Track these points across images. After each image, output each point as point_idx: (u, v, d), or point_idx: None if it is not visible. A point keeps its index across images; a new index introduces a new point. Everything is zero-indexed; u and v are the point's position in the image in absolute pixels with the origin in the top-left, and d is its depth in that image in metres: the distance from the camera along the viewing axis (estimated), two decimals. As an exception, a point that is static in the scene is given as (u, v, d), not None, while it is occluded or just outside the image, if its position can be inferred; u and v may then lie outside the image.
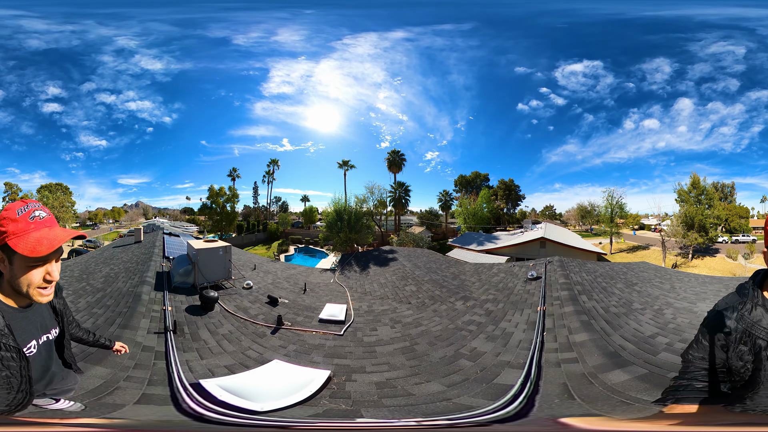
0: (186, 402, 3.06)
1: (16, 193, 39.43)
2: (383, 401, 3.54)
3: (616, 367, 3.68)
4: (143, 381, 3.57)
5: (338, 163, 45.14)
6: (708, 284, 9.40)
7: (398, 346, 5.49)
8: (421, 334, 6.08)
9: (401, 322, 7.07)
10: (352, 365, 4.69)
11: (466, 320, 6.62)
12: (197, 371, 4.25)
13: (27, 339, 1.67)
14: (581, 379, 3.50)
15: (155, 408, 3.06)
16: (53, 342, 1.90)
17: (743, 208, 41.61)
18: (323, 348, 5.48)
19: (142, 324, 5.39)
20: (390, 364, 4.72)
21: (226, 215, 41.49)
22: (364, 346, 5.63)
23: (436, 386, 3.84)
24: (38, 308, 1.76)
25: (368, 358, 5.04)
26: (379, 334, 6.27)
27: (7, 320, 1.56)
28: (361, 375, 4.30)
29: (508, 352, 4.63)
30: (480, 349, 4.95)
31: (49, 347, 1.85)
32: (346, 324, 6.78)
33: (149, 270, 8.80)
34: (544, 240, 26.25)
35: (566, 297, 6.55)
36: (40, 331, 1.77)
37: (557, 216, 57.17)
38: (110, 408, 2.84)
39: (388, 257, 15.40)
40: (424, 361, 4.72)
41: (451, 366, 4.43)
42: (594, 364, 3.82)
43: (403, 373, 4.33)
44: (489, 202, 41.90)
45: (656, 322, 5.83)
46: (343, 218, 25.39)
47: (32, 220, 1.49)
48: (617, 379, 3.43)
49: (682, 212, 28.58)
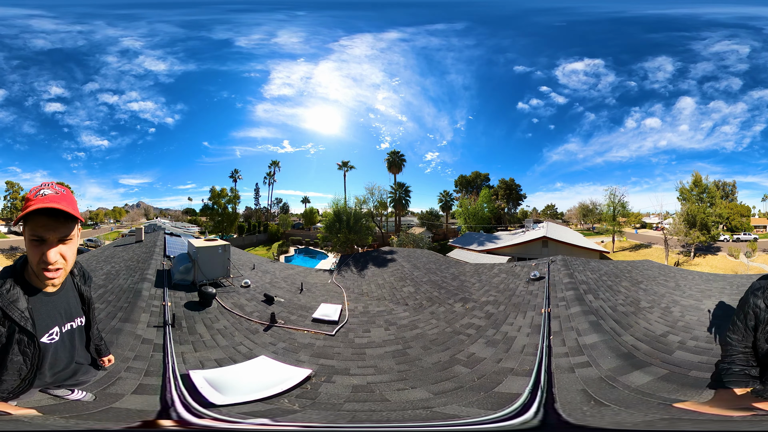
0: (171, 394, 3.10)
1: (17, 192, 39.42)
2: (346, 405, 3.34)
3: (633, 369, 3.46)
4: (141, 372, 3.69)
5: (338, 165, 45.08)
6: (712, 282, 9.16)
7: (390, 349, 5.30)
8: (416, 338, 5.87)
9: (396, 324, 6.89)
10: (336, 366, 4.61)
11: (464, 323, 6.36)
12: (190, 363, 4.41)
13: (50, 324, 1.67)
14: (600, 384, 3.24)
15: (144, 398, 3.10)
16: (80, 332, 1.88)
17: (744, 207, 41.45)
18: (312, 347, 5.46)
19: (142, 318, 5.52)
20: (377, 367, 4.52)
21: (228, 216, 41.56)
22: (354, 347, 5.50)
23: (420, 393, 3.60)
24: (65, 294, 1.76)
25: (355, 360, 4.88)
26: (372, 336, 6.12)
27: (31, 304, 1.60)
28: (343, 377, 4.17)
29: (510, 358, 4.32)
30: (479, 354, 4.66)
31: (74, 336, 1.83)
32: (339, 324, 6.72)
33: (150, 268, 8.89)
34: (546, 239, 26.01)
35: (572, 297, 6.27)
36: (64, 318, 1.75)
37: (559, 215, 56.95)
38: (113, 398, 2.88)
39: (387, 258, 15.26)
40: (414, 366, 4.47)
41: (445, 372, 4.16)
42: (609, 366, 3.57)
43: (388, 378, 4.10)
44: (489, 201, 41.76)
45: (665, 320, 5.63)
46: (341, 219, 25.24)
47: (41, 195, 1.55)
48: (639, 381, 3.20)
49: (685, 210, 28.39)
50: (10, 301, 1.56)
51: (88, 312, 1.94)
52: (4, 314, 1.53)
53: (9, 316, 1.54)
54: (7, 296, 1.56)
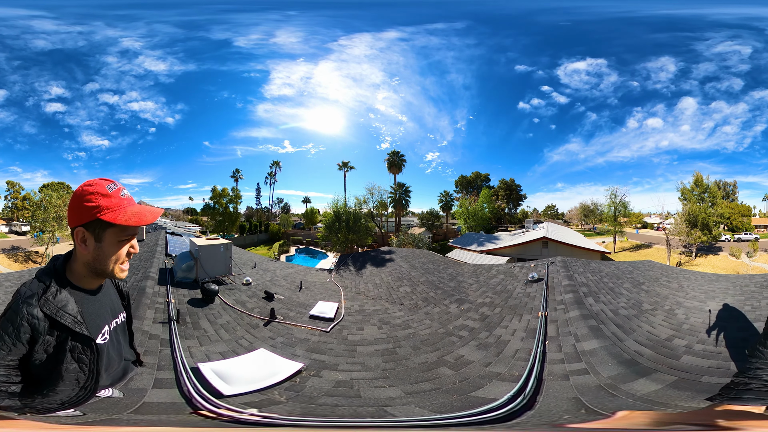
0: (186, 386, 3.22)
1: (18, 192, 39.40)
2: (322, 399, 3.42)
3: (638, 376, 3.28)
4: (154, 366, 3.76)
5: (338, 165, 44.89)
6: (715, 282, 8.98)
7: (380, 348, 5.38)
8: (408, 337, 5.89)
9: (390, 323, 6.92)
10: (327, 361, 4.75)
11: (458, 324, 6.29)
12: (197, 356, 4.56)
13: (100, 325, 1.60)
14: (598, 392, 3.06)
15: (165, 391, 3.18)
16: (122, 328, 1.82)
17: (745, 207, 41.26)
18: (307, 342, 5.61)
19: (148, 314, 5.64)
20: (364, 364, 4.59)
21: (229, 216, 41.55)
22: (347, 344, 5.64)
23: (394, 392, 3.60)
24: (107, 291, 1.69)
25: (345, 356, 4.99)
26: (365, 334, 6.24)
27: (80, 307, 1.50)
28: (330, 372, 4.29)
29: (500, 363, 4.18)
30: (468, 357, 4.55)
31: (118, 333, 1.77)
32: (335, 322, 6.87)
33: (152, 266, 8.96)
34: (546, 239, 25.80)
35: (571, 300, 6.07)
36: (110, 315, 1.69)
37: (559, 216, 56.69)
38: (139, 393, 2.91)
39: (386, 258, 15.23)
40: (400, 365, 4.49)
41: (428, 373, 4.12)
42: (610, 374, 3.39)
43: (371, 375, 4.17)
44: (490, 202, 41.58)
45: (669, 324, 5.47)
46: (341, 219, 25.15)
47: (123, 196, 1.50)
48: (645, 389, 3.02)
49: (686, 210, 28.20)
50: (58, 307, 1.42)
51: (128, 307, 1.90)
52: (52, 322, 1.40)
53: (59, 323, 1.41)
54: (54, 302, 1.42)
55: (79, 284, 1.53)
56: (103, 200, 1.44)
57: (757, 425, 1.43)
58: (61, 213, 26.15)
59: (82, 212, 1.45)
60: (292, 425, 2.57)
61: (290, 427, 2.51)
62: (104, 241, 1.47)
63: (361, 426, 2.72)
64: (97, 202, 1.44)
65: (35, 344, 1.39)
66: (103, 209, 1.44)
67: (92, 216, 1.43)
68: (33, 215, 28.02)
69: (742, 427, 1.40)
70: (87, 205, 1.44)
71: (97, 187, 1.46)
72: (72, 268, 1.53)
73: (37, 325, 1.38)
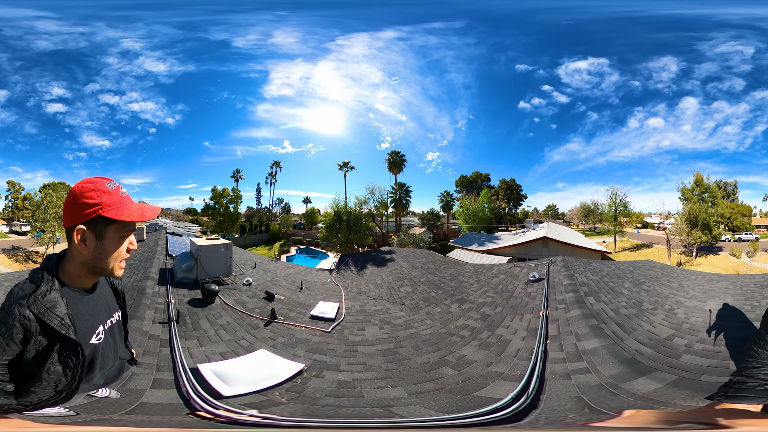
0: (185, 386, 3.21)
1: (18, 192, 39.50)
2: (324, 400, 3.41)
3: (638, 375, 3.29)
4: (152, 367, 3.76)
5: (339, 165, 44.91)
6: (715, 282, 8.98)
7: (381, 348, 5.36)
8: (409, 337, 5.89)
9: (391, 323, 6.91)
10: (328, 362, 4.72)
11: (459, 324, 6.29)
12: (197, 357, 4.54)
13: (95, 325, 1.58)
14: (600, 391, 3.07)
15: (164, 392, 3.18)
16: (118, 326, 1.80)
17: (746, 207, 41.25)
18: (308, 343, 5.60)
19: (147, 315, 5.63)
20: (365, 365, 4.57)
21: (230, 216, 41.54)
22: (348, 344, 5.62)
23: (397, 392, 3.58)
24: (101, 290, 1.67)
25: (347, 356, 4.97)
26: (366, 334, 6.21)
27: (73, 307, 1.46)
28: (331, 372, 4.26)
29: (502, 362, 4.19)
30: (470, 357, 4.55)
31: (114, 332, 1.75)
32: (336, 322, 6.85)
33: (153, 266, 9.00)
34: (547, 239, 25.81)
35: (572, 299, 6.09)
36: (105, 314, 1.67)
37: (560, 215, 56.65)
38: (136, 394, 2.90)
39: (386, 258, 15.24)
40: (402, 366, 4.48)
41: (430, 373, 4.12)
42: (611, 373, 3.40)
43: (373, 376, 4.16)
44: (490, 202, 41.59)
45: (670, 323, 5.46)
46: (342, 219, 25.16)
47: (123, 194, 1.50)
48: (645, 388, 3.04)
49: (686, 210, 28.21)
50: (46, 307, 1.38)
51: (123, 306, 1.87)
52: (41, 323, 1.37)
53: (47, 325, 1.37)
54: (43, 302, 1.38)
55: (73, 284, 1.51)
56: (106, 197, 1.44)
57: (754, 423, 1.46)
58: (61, 213, 26.22)
59: (83, 210, 1.42)
60: (294, 426, 2.59)
61: (292, 428, 2.53)
62: (106, 238, 1.45)
63: (366, 427, 2.73)
64: (99, 200, 1.43)
65: (27, 344, 1.38)
66: (105, 206, 1.43)
67: (94, 213, 1.42)
68: (33, 215, 28.10)
69: (740, 425, 1.43)
70: (88, 202, 1.42)
71: (97, 185, 1.45)
72: (65, 268, 1.51)
73: (29, 326, 1.36)
